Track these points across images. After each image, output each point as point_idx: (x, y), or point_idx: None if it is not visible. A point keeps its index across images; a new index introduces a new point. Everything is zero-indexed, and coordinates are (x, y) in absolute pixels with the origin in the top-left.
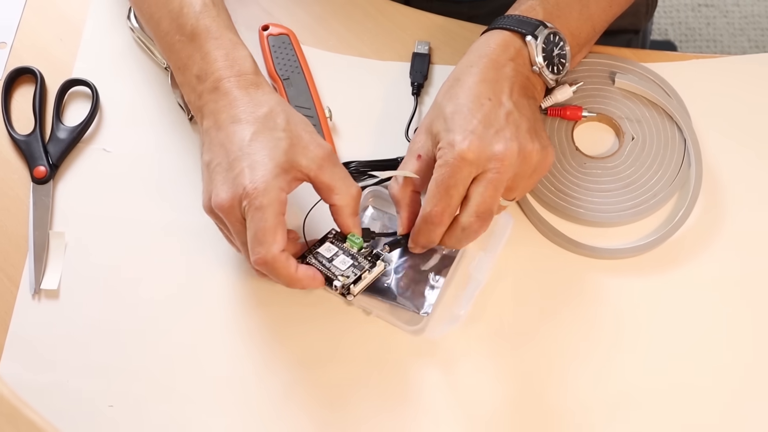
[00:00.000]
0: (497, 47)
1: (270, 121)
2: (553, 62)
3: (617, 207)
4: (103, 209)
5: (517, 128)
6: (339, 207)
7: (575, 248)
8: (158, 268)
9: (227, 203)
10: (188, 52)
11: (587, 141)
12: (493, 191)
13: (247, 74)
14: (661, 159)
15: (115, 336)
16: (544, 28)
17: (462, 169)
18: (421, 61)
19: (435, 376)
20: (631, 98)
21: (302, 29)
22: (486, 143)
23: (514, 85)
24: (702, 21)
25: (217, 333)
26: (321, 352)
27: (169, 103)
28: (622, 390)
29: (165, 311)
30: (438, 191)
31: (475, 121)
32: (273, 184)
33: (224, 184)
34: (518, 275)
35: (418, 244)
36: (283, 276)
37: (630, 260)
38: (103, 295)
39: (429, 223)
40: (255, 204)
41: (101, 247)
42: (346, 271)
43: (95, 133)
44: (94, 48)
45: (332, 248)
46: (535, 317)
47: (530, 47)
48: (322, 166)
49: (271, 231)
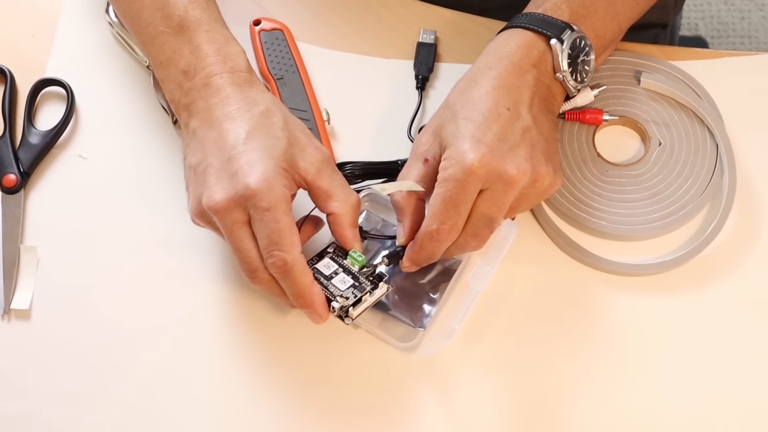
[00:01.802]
0: (519, 49)
1: (267, 120)
2: (577, 69)
3: (642, 219)
4: (79, 221)
5: (533, 147)
6: (337, 216)
7: (595, 263)
8: (139, 286)
9: (224, 205)
10: (174, 46)
11: (610, 146)
12: (497, 211)
13: (241, 71)
14: (690, 166)
15: (92, 360)
16: (570, 32)
17: (471, 184)
18: (426, 52)
19: (433, 395)
20: (658, 100)
21: (297, 24)
22: (498, 159)
23: (534, 95)
24: (735, 15)
25: (202, 355)
26: (314, 374)
27: (151, 105)
28: (637, 421)
29: (145, 332)
30: (446, 207)
31: (490, 133)
32: (277, 182)
33: (219, 185)
34: (530, 290)
35: (416, 262)
36: (299, 284)
37: (655, 277)
38: (79, 316)
39: (435, 240)
40: (262, 204)
41: (77, 263)
42: (345, 292)
43: (70, 138)
44: (69, 45)
45: (332, 265)
46: (546, 337)
47: (555, 52)
48: (320, 170)
49: (287, 231)
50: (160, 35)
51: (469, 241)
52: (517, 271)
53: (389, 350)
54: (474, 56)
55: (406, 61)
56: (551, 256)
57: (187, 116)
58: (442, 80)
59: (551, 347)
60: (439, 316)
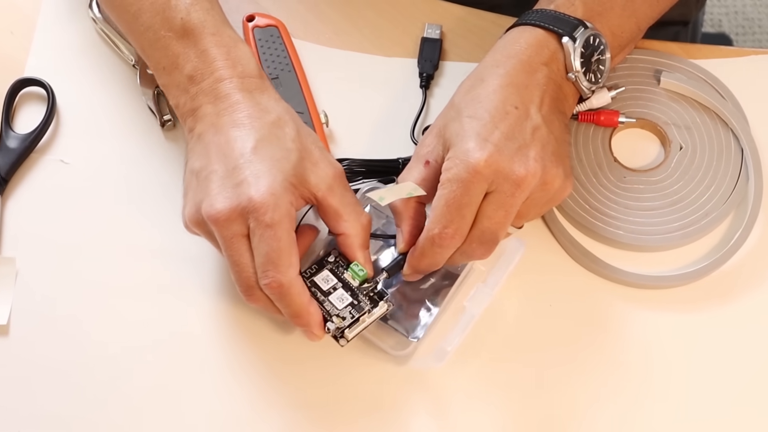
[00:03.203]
0: (529, 47)
1: (278, 130)
2: (591, 69)
3: (662, 228)
4: (61, 231)
5: (543, 148)
6: (346, 237)
7: (611, 274)
8: (125, 300)
9: (224, 215)
10: (178, 50)
11: (628, 151)
12: (504, 216)
13: (252, 77)
14: (713, 172)
15: (75, 379)
16: (583, 29)
17: (476, 185)
18: (431, 48)
19: (435, 415)
20: (679, 101)
21: (293, 20)
22: (506, 158)
23: (545, 94)
24: (762, 10)
25: (195, 375)
26: (312, 392)
27: (137, 107)
28: None
29: (133, 350)
30: (449, 210)
31: (497, 131)
32: (283, 198)
33: (221, 194)
34: (538, 303)
35: (418, 270)
36: (295, 305)
37: (675, 290)
38: (60, 332)
39: (437, 246)
40: (265, 220)
41: (58, 276)
42: (342, 311)
43: (51, 142)
44: (49, 42)
45: (330, 279)
46: (560, 354)
47: (567, 50)
48: (332, 187)
49: (286, 251)
50: (162, 39)
51: (475, 249)
52: (527, 283)
53: (388, 366)
54: (482, 54)
55: (410, 59)
56: (565, 268)
57: (193, 121)
58: (448, 79)
59: (565, 366)
60: (434, 329)
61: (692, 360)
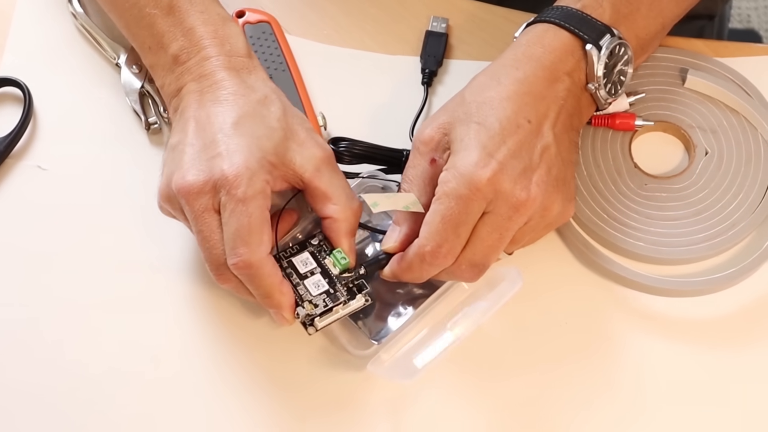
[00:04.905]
0: (554, 52)
1: (263, 108)
2: (611, 80)
3: (685, 240)
4: (35, 242)
5: (548, 171)
6: (333, 221)
7: (627, 282)
8: (106, 316)
9: (195, 187)
10: (164, 28)
11: (649, 156)
12: (498, 239)
13: (240, 56)
14: (741, 179)
15: (49, 404)
16: (610, 37)
17: (475, 203)
18: (435, 43)
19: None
20: (704, 102)
21: (287, 15)
22: (508, 179)
23: (562, 110)
24: None
25: (179, 394)
26: (306, 398)
27: (121, 109)
28: None
29: (113, 370)
30: (444, 227)
31: (504, 147)
32: (259, 175)
33: (194, 166)
34: (558, 320)
35: (399, 278)
36: (266, 286)
37: (693, 300)
38: (34, 353)
39: (427, 263)
40: (237, 194)
41: (32, 290)
42: (316, 298)
43: (28, 146)
44: (26, 39)
45: (309, 262)
46: (573, 370)
47: (591, 59)
48: (320, 168)
49: (257, 229)
50: (147, 17)
51: (464, 271)
52: (541, 298)
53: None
54: (492, 52)
55: (414, 57)
56: (581, 280)
57: (177, 100)
58: (453, 76)
59: (580, 385)
60: (405, 338)
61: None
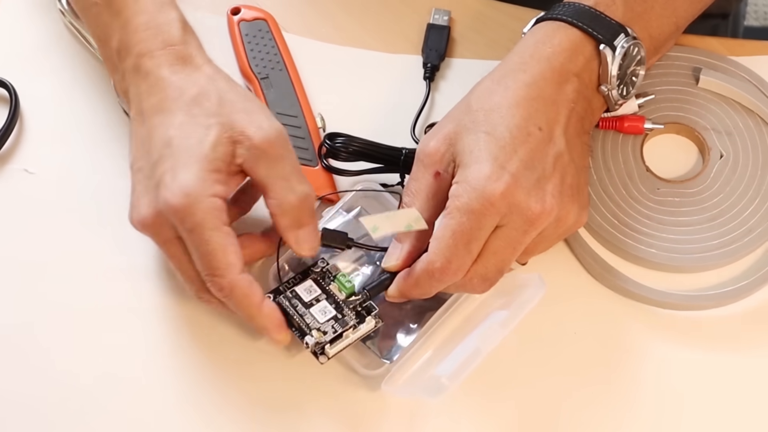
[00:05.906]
0: (562, 52)
1: (197, 107)
2: (624, 82)
3: (700, 246)
4: (24, 249)
5: (562, 180)
6: (273, 216)
7: (637, 292)
8: (96, 325)
9: (149, 221)
10: (107, 20)
11: (661, 159)
12: (511, 253)
13: (174, 45)
14: (758, 183)
15: (36, 413)
16: (625, 36)
17: (488, 218)
18: (437, 36)
19: None
20: (719, 103)
21: (285, 12)
22: (523, 191)
23: (572, 113)
24: None
25: (173, 405)
26: (296, 417)
27: (111, 110)
28: None
29: (106, 380)
30: (455, 243)
31: (516, 157)
32: (201, 193)
33: (145, 197)
34: (566, 331)
35: (406, 296)
36: (245, 307)
37: (706, 312)
38: (21, 361)
39: (435, 279)
40: (187, 225)
41: (20, 299)
42: (324, 325)
43: (14, 149)
44: (12, 37)
45: (314, 289)
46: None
47: (604, 60)
48: (259, 157)
49: (220, 252)
50: (93, 7)
51: (475, 285)
52: (547, 309)
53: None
54: (497, 51)
55: (416, 56)
56: (590, 291)
57: (127, 103)
58: (457, 75)
59: (593, 402)
60: (419, 354)
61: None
